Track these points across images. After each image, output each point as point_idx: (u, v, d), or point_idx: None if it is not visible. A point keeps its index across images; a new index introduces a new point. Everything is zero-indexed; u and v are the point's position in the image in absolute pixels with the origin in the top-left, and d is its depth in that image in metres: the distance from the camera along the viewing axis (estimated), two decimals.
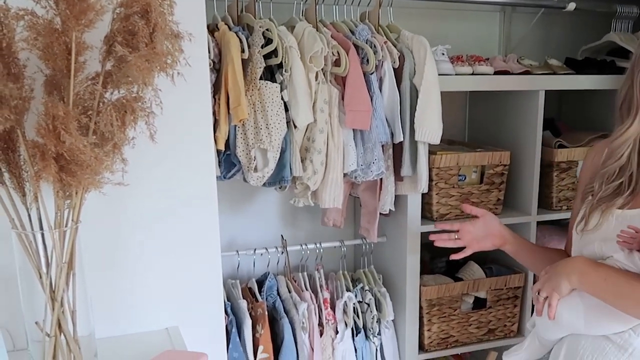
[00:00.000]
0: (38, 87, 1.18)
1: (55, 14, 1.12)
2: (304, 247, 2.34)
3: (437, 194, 2.29)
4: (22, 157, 1.18)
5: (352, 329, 2.28)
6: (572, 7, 2.45)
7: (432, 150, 2.21)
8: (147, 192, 1.48)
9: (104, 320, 1.44)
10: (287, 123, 1.89)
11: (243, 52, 1.81)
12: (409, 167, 2.09)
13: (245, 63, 1.84)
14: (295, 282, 2.31)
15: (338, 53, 1.95)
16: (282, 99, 1.87)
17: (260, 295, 2.20)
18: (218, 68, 1.85)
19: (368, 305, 2.30)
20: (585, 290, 1.46)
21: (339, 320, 2.26)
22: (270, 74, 1.91)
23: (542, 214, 2.45)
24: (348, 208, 2.41)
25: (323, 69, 1.93)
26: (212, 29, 1.89)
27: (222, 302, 1.65)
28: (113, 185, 1.25)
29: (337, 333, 2.25)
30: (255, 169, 1.89)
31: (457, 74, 2.22)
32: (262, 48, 1.85)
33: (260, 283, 2.25)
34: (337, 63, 1.96)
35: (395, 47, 2.06)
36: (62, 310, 1.22)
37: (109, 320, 1.48)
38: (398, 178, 2.16)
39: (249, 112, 1.83)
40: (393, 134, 2.07)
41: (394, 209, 2.23)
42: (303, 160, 1.96)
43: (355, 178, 2.06)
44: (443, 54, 2.20)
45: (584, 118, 2.76)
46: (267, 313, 2.12)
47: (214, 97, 1.83)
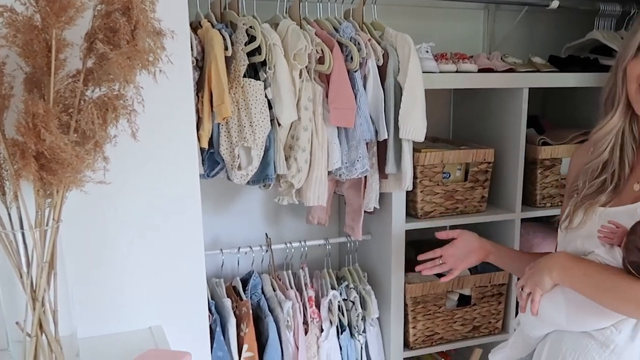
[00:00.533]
0: (18, 84, 1.17)
1: (35, 11, 1.11)
2: (289, 245, 2.33)
3: (421, 192, 2.29)
4: (1, 155, 1.16)
5: (337, 327, 2.27)
6: (555, 5, 2.46)
7: (416, 148, 2.21)
8: (129, 190, 1.47)
9: (87, 320, 1.43)
10: (271, 121, 1.89)
11: (226, 49, 1.80)
12: (394, 164, 2.09)
13: (229, 60, 1.83)
14: (280, 280, 2.30)
15: (322, 51, 1.94)
16: (265, 97, 1.87)
17: (245, 294, 2.19)
18: (201, 66, 1.83)
19: (353, 303, 2.30)
20: (567, 285, 1.46)
21: (324, 319, 2.26)
22: (254, 72, 1.90)
23: (526, 211, 2.46)
24: (333, 206, 2.40)
25: (307, 67, 1.93)
26: (195, 26, 1.88)
27: (205, 300, 1.64)
28: (95, 184, 1.24)
29: (322, 331, 2.25)
30: (239, 167, 1.88)
31: (441, 72, 2.22)
32: (245, 45, 1.84)
33: (245, 282, 2.24)
34: (321, 61, 1.96)
35: (380, 44, 2.06)
36: (43, 310, 1.21)
37: (92, 320, 1.47)
38: (382, 176, 2.16)
39: (233, 109, 1.82)
40: (377, 132, 2.07)
41: (379, 207, 2.23)
42: (287, 158, 1.95)
43: (340, 176, 2.06)
44: (427, 52, 2.20)
45: (568, 115, 2.77)
46: (251, 312, 2.11)
47: (197, 94, 1.82)
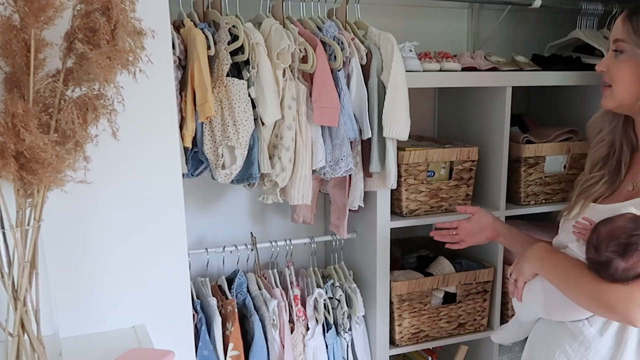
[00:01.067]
0: None
1: (14, 11, 1.12)
2: (274, 244, 2.34)
3: (406, 190, 2.30)
4: None
5: (322, 325, 2.28)
6: (538, 4, 2.47)
7: (400, 147, 2.22)
8: (112, 189, 1.47)
9: (69, 319, 1.44)
10: (254, 120, 1.89)
11: (209, 48, 1.81)
12: (378, 163, 2.10)
13: (212, 60, 1.84)
14: (266, 279, 2.30)
15: (305, 50, 1.95)
16: (249, 96, 1.87)
17: (230, 293, 2.19)
18: (184, 65, 1.84)
19: (339, 302, 2.31)
20: (542, 275, 1.54)
21: (310, 317, 2.27)
22: (237, 71, 1.90)
23: (510, 209, 2.47)
24: (318, 205, 2.41)
25: (290, 66, 1.93)
26: (177, 26, 1.88)
27: (189, 299, 1.64)
28: (77, 184, 1.24)
29: (307, 329, 2.26)
30: (223, 166, 1.89)
31: (424, 71, 2.23)
32: (228, 45, 1.84)
33: (230, 280, 2.24)
34: (304, 60, 1.96)
35: (363, 43, 2.07)
36: (25, 310, 1.21)
37: (74, 319, 1.47)
38: (367, 174, 2.17)
39: (216, 109, 1.82)
40: (361, 131, 2.07)
41: (364, 205, 2.23)
42: (271, 157, 1.96)
43: (324, 175, 2.06)
44: (411, 51, 2.21)
45: (552, 114, 2.79)
46: (237, 310, 2.12)
47: (181, 94, 1.82)
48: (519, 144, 2.44)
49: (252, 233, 2.34)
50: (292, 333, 2.23)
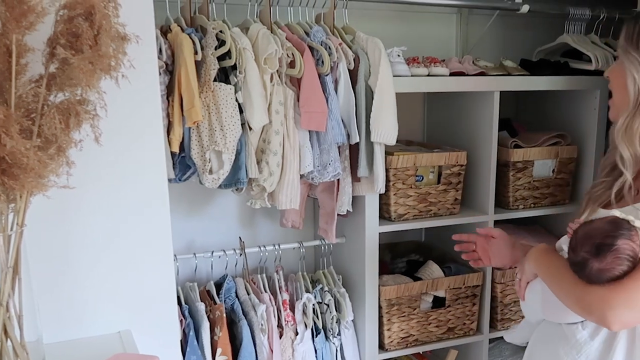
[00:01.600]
0: None
1: None
2: (263, 248, 2.34)
3: (394, 195, 2.30)
4: None
5: (311, 330, 2.28)
6: (525, 9, 2.49)
7: (389, 151, 2.23)
8: (96, 194, 1.47)
9: (53, 325, 1.43)
10: (242, 125, 1.90)
11: (196, 53, 1.81)
12: (366, 167, 2.11)
13: (199, 65, 1.84)
14: (254, 284, 2.30)
15: (293, 55, 1.95)
16: (236, 101, 1.88)
17: (219, 298, 2.19)
18: (171, 70, 1.84)
19: (327, 306, 2.31)
20: (539, 275, 1.55)
21: (299, 322, 2.27)
22: (225, 76, 1.91)
23: (499, 213, 2.48)
24: (307, 209, 2.41)
25: (278, 71, 1.94)
26: (165, 31, 1.89)
27: (175, 304, 1.64)
28: (61, 189, 1.23)
29: (296, 334, 2.26)
30: (210, 171, 1.89)
31: (413, 75, 2.23)
32: (215, 50, 1.85)
33: (219, 285, 2.24)
34: (292, 65, 1.97)
35: (351, 48, 2.08)
36: (8, 316, 1.21)
37: (58, 325, 1.46)
38: (355, 179, 2.17)
39: (203, 114, 1.83)
40: (349, 135, 2.08)
41: (352, 210, 2.24)
42: (259, 162, 1.96)
43: (312, 179, 2.07)
44: (399, 56, 2.22)
45: (540, 118, 2.80)
46: (225, 315, 2.12)
47: (168, 99, 1.82)
48: (508, 149, 2.45)
49: (240, 238, 2.33)
50: (280, 338, 2.23)
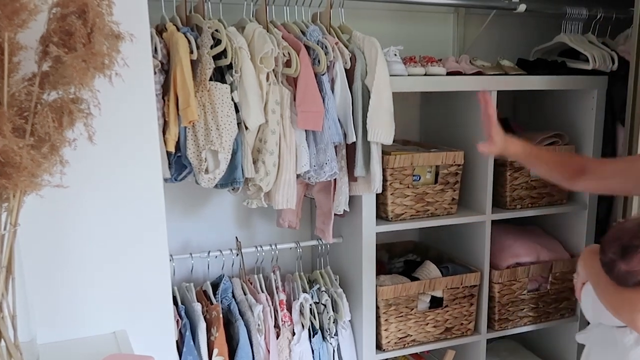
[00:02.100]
0: None
1: None
2: (259, 248, 2.33)
3: (391, 194, 2.29)
4: None
5: (308, 330, 2.27)
6: (522, 8, 2.49)
7: (386, 151, 2.22)
8: (91, 194, 1.46)
9: (47, 325, 1.42)
10: (238, 124, 1.89)
11: (192, 53, 1.80)
12: (362, 167, 2.10)
13: (195, 64, 1.83)
14: (251, 284, 2.30)
15: (289, 54, 1.95)
16: (232, 100, 1.87)
17: (215, 298, 2.18)
18: (167, 69, 1.83)
19: (325, 306, 2.30)
20: (587, 277, 1.55)
21: (296, 322, 2.26)
22: (221, 75, 1.90)
23: (496, 213, 2.48)
24: (304, 209, 2.41)
25: (274, 70, 1.93)
26: (160, 30, 1.88)
27: (171, 304, 1.63)
28: (55, 188, 1.23)
29: (293, 335, 2.25)
30: (207, 171, 1.88)
31: (409, 75, 2.23)
32: (211, 49, 1.84)
33: (215, 286, 2.23)
34: (288, 64, 1.96)
35: (347, 47, 2.07)
36: (1, 316, 1.20)
37: (53, 325, 1.46)
38: (352, 179, 2.16)
39: (199, 113, 1.82)
40: (346, 135, 2.07)
41: (349, 210, 2.23)
42: (255, 162, 1.95)
43: (309, 179, 2.06)
44: (395, 55, 2.21)
45: (538, 118, 2.79)
46: (222, 316, 2.11)
47: (164, 98, 1.82)
48: None
49: (237, 238, 2.33)
50: (277, 338, 2.22)
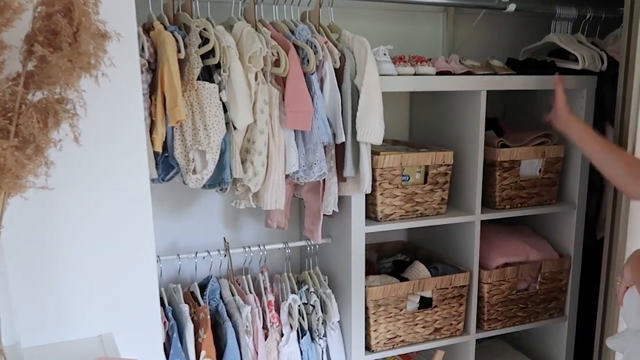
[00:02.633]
0: None
1: None
2: (247, 249, 2.31)
3: (381, 195, 2.28)
4: None
5: (297, 332, 2.26)
6: (512, 8, 2.48)
7: (375, 151, 2.21)
8: (76, 195, 1.44)
9: (32, 329, 1.40)
10: (226, 124, 1.87)
11: (179, 52, 1.78)
12: (352, 167, 2.09)
13: (182, 63, 1.81)
14: (239, 285, 2.28)
15: (278, 53, 1.93)
16: (220, 100, 1.85)
17: (203, 299, 2.16)
18: (154, 68, 1.81)
19: (313, 307, 2.29)
20: (635, 283, 1.49)
21: (284, 323, 2.24)
22: (209, 75, 1.89)
23: (485, 213, 2.48)
24: (292, 209, 2.39)
25: (263, 70, 1.91)
26: (147, 28, 1.86)
27: (158, 306, 1.61)
28: (40, 190, 1.21)
29: (282, 336, 2.24)
30: (194, 171, 1.86)
31: (399, 75, 2.22)
32: (199, 48, 1.82)
33: (203, 287, 2.21)
34: (277, 63, 1.94)
35: (336, 47, 2.06)
36: None
37: (38, 329, 1.44)
38: (341, 179, 2.15)
39: (187, 113, 1.80)
40: (335, 135, 2.06)
41: (338, 210, 2.22)
42: (243, 162, 1.94)
43: (298, 179, 2.05)
44: (385, 55, 2.20)
45: (527, 118, 2.79)
46: (209, 317, 2.09)
47: (151, 97, 1.79)
48: (494, 148, 2.44)
49: (225, 238, 2.31)
50: (266, 339, 2.20)
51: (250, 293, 2.24)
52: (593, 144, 2.00)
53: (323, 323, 2.30)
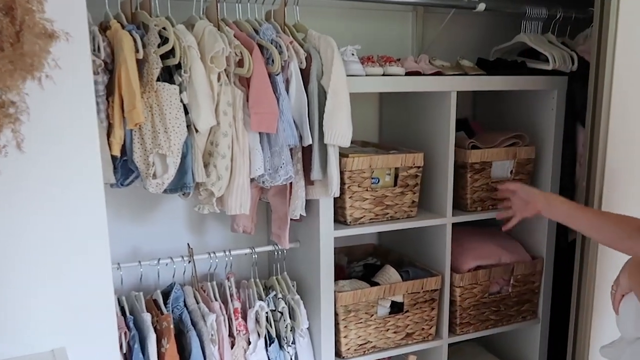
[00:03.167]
0: None
1: None
2: (212, 255, 2.25)
3: (350, 198, 2.24)
4: None
5: (265, 339, 2.21)
6: (482, 7, 2.45)
7: (344, 153, 2.17)
8: (25, 203, 1.38)
9: None
10: (187, 127, 1.81)
11: (137, 51, 1.71)
12: (319, 170, 2.04)
13: (141, 63, 1.75)
14: (204, 292, 2.21)
15: (241, 53, 1.87)
16: (181, 102, 1.79)
17: (166, 308, 2.10)
18: (111, 69, 1.74)
19: (281, 314, 2.24)
20: (633, 290, 1.47)
21: (251, 331, 2.19)
22: (169, 75, 1.82)
23: (457, 215, 2.45)
24: (259, 213, 2.34)
25: (225, 70, 1.86)
26: (104, 27, 1.78)
27: (114, 317, 1.55)
28: None
29: (249, 344, 2.18)
30: (154, 176, 1.80)
31: (367, 75, 2.18)
32: (158, 47, 1.75)
33: (166, 294, 2.15)
34: (240, 64, 1.89)
35: (302, 47, 2.01)
36: None
37: None
38: (308, 182, 2.10)
39: (146, 115, 1.74)
40: (301, 137, 2.01)
41: (305, 214, 2.17)
42: (206, 166, 1.88)
43: (263, 183, 2.00)
44: (353, 55, 2.16)
45: (498, 118, 2.77)
46: (173, 326, 2.03)
47: (108, 99, 1.73)
48: (465, 150, 2.40)
49: (188, 244, 2.24)
50: (232, 348, 2.15)
51: (216, 300, 2.18)
52: (582, 213, 1.77)
53: (292, 330, 2.25)
